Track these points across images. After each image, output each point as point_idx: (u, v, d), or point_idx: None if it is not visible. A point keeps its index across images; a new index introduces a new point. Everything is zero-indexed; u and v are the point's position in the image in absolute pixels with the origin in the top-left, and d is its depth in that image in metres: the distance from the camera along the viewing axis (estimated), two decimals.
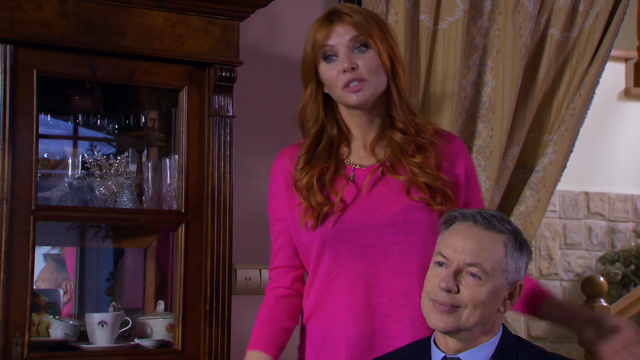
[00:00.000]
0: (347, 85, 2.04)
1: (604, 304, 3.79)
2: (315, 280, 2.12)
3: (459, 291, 1.86)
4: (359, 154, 2.14)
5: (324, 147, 2.13)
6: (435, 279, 1.89)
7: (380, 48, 2.04)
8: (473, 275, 1.86)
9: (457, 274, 1.87)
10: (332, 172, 2.10)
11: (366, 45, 2.05)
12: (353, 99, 2.05)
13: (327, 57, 2.06)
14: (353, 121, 2.14)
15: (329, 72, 2.06)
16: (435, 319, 1.88)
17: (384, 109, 2.13)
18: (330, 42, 2.05)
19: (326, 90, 2.12)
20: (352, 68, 2.03)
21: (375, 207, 2.07)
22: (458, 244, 1.89)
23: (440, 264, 1.90)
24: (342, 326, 2.07)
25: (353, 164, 2.13)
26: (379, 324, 2.07)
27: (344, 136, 2.15)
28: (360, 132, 2.14)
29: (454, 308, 1.86)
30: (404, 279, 2.06)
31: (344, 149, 2.15)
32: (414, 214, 2.06)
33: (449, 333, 1.89)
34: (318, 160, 2.11)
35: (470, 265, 1.86)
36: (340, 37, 2.04)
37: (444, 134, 2.19)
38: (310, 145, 2.13)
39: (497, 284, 1.88)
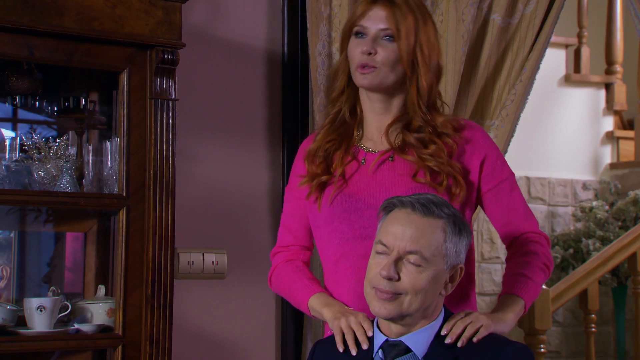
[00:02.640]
0: (361, 66, 2.11)
1: (544, 286, 3.85)
2: (327, 260, 2.17)
3: (399, 279, 1.88)
4: (372, 139, 2.19)
5: (340, 123, 2.19)
6: (376, 267, 1.91)
7: (403, 43, 2.09)
8: (413, 262, 1.88)
9: (397, 261, 1.89)
10: (342, 150, 2.16)
11: (392, 38, 2.10)
12: (359, 79, 2.13)
13: (358, 34, 2.14)
14: (368, 106, 2.19)
15: (353, 48, 2.14)
16: (377, 307, 1.90)
17: (403, 100, 2.17)
18: (364, 23, 2.12)
19: None
20: (370, 53, 2.10)
21: (382, 189, 2.10)
22: (397, 231, 1.90)
23: (380, 252, 1.92)
24: (357, 306, 2.08)
25: (365, 148, 2.18)
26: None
27: (357, 119, 2.20)
28: (374, 118, 2.18)
29: (395, 295, 1.88)
30: None
31: (357, 132, 2.20)
32: None
33: (391, 319, 1.91)
34: (331, 133, 2.18)
35: (410, 253, 1.88)
36: (373, 21, 2.11)
37: (465, 126, 2.19)
38: (333, 117, 2.20)
39: (438, 269, 1.90)
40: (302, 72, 3.01)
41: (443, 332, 1.93)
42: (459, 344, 1.91)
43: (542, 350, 3.80)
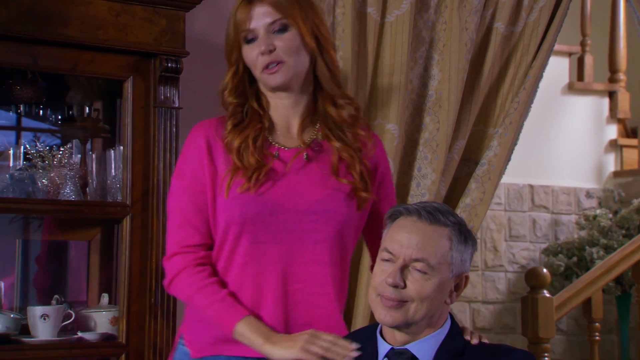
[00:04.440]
0: (266, 67, 2.04)
1: (547, 295, 3.84)
2: (233, 263, 2.04)
3: (405, 286, 1.88)
4: (282, 134, 2.11)
5: (253, 113, 2.09)
6: (382, 274, 1.90)
7: (302, 28, 2.03)
8: (419, 270, 1.88)
9: (403, 269, 1.88)
10: (262, 140, 2.07)
11: (286, 27, 2.03)
12: (270, 80, 2.05)
13: (248, 40, 2.05)
14: (275, 103, 2.11)
15: (249, 54, 2.06)
16: (383, 314, 1.89)
17: (311, 91, 2.11)
18: (250, 25, 2.04)
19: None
20: (270, 51, 2.02)
21: (298, 192, 2.04)
22: (403, 239, 1.90)
23: (386, 259, 1.91)
24: (257, 311, 2.02)
25: (277, 144, 2.10)
26: (292, 310, 2.04)
27: (266, 115, 2.11)
28: (282, 114, 2.11)
29: (401, 303, 1.88)
30: (319, 269, 2.05)
31: (268, 125, 2.11)
32: (335, 204, 2.05)
33: (397, 327, 1.90)
34: (249, 123, 2.07)
35: (416, 260, 1.88)
36: (260, 19, 2.03)
37: (369, 130, 2.19)
38: (236, 111, 2.09)
39: (443, 277, 1.90)
40: None
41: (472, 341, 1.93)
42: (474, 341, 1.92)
43: (546, 358, 3.79)
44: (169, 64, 2.52)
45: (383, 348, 1.95)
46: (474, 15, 3.00)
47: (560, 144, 5.26)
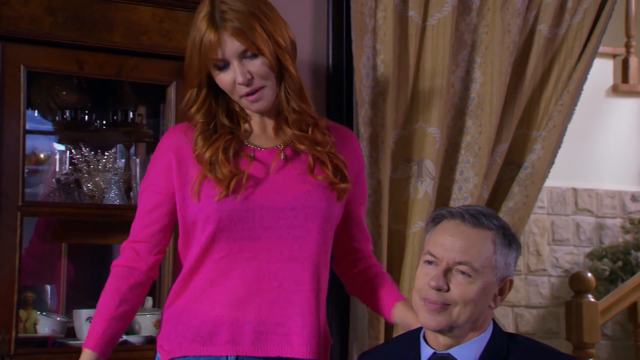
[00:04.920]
0: (246, 94, 2.02)
1: (592, 299, 3.81)
2: (206, 262, 2.02)
3: (449, 289, 1.87)
4: (259, 136, 2.09)
5: (222, 125, 2.07)
6: (425, 277, 1.89)
7: (266, 53, 2.00)
8: (463, 273, 1.87)
9: (446, 272, 1.87)
10: (234, 149, 2.04)
11: (255, 53, 2.00)
12: (254, 107, 2.04)
13: (219, 67, 2.01)
14: (251, 113, 2.10)
15: (224, 80, 2.02)
16: (427, 318, 1.88)
17: (282, 106, 2.08)
18: (219, 55, 1.99)
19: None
20: (249, 80, 2.00)
21: (276, 190, 2.03)
22: (447, 242, 1.89)
23: (429, 262, 1.90)
24: (225, 310, 1.99)
25: (252, 145, 2.08)
26: (265, 309, 2.00)
27: (242, 120, 2.10)
28: (258, 120, 2.09)
29: (444, 306, 1.86)
30: (297, 265, 2.02)
31: (243, 131, 2.09)
32: (314, 199, 2.03)
33: (440, 331, 1.89)
34: (219, 136, 2.05)
35: (460, 263, 1.87)
36: (229, 48, 1.99)
37: (339, 129, 2.17)
38: (205, 125, 2.06)
39: (487, 280, 1.88)
40: (347, 85, 3.01)
41: None
42: None
43: None
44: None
45: (425, 352, 1.94)
46: (517, 18, 2.98)
47: (605, 147, 5.20)
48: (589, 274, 3.95)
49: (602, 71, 5.07)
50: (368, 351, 2.14)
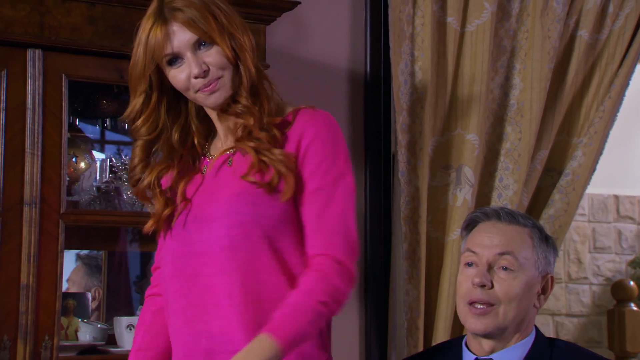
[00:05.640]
0: (204, 86, 1.86)
1: (634, 308, 3.75)
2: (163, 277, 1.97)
3: (492, 286, 1.85)
4: (217, 145, 1.97)
5: (165, 143, 1.93)
6: (467, 280, 1.88)
7: (220, 42, 1.85)
8: (505, 268, 1.85)
9: (489, 270, 1.86)
10: (176, 169, 1.93)
11: (209, 42, 1.85)
12: (211, 100, 1.88)
13: (172, 62, 1.87)
14: (211, 113, 1.95)
15: (177, 76, 1.87)
16: (474, 323, 1.87)
17: (234, 99, 1.91)
18: (169, 49, 1.85)
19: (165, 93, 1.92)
20: (204, 71, 1.85)
21: (209, 197, 1.89)
22: (485, 240, 1.88)
23: (469, 264, 1.89)
24: (176, 331, 1.91)
25: (210, 155, 1.96)
26: (206, 326, 1.87)
27: (201, 130, 1.97)
28: (218, 118, 1.94)
29: (489, 307, 1.84)
30: (227, 278, 1.84)
31: (203, 142, 1.97)
32: (239, 203, 1.86)
33: (488, 335, 1.87)
34: (159, 164, 1.94)
35: (502, 254, 1.85)
36: (180, 40, 1.85)
37: (295, 114, 1.92)
38: (145, 147, 1.93)
39: (530, 275, 1.86)
40: (385, 91, 3.01)
41: None
42: None
43: None
44: None
45: (467, 358, 1.92)
46: (557, 24, 2.95)
47: None
48: (631, 282, 3.89)
49: None
50: (409, 358, 2.13)
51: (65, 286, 2.72)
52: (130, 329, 2.49)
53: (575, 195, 3.00)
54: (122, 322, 2.51)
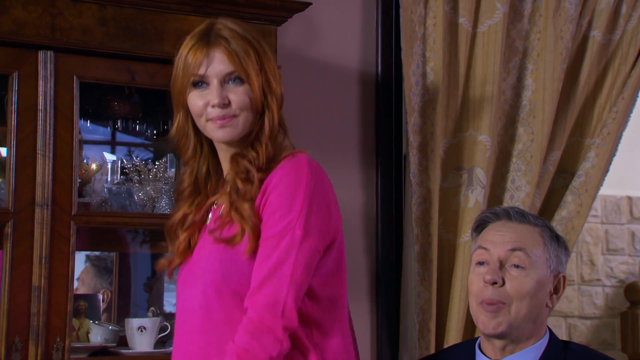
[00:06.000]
0: (218, 118, 1.83)
1: None
2: None
3: (504, 284, 1.84)
4: (224, 190, 1.89)
5: (195, 186, 1.92)
6: (479, 278, 1.87)
7: (254, 83, 1.83)
8: (517, 266, 1.84)
9: (500, 268, 1.85)
10: (195, 216, 1.90)
11: (240, 79, 1.83)
12: (218, 134, 1.84)
13: (197, 84, 1.85)
14: (219, 154, 1.92)
15: (196, 100, 1.84)
16: (486, 322, 1.85)
17: (249, 143, 1.87)
18: (201, 71, 1.83)
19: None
20: (224, 104, 1.82)
21: (198, 254, 1.86)
22: (496, 237, 1.88)
23: (481, 263, 1.88)
24: None
25: (215, 203, 1.90)
26: None
27: (215, 175, 1.93)
28: (226, 166, 1.90)
29: (502, 305, 1.83)
30: (202, 338, 1.80)
31: (216, 187, 1.92)
32: (209, 261, 1.81)
33: (500, 335, 1.85)
34: (189, 197, 1.92)
35: (514, 249, 1.84)
36: (214, 67, 1.83)
37: (278, 166, 1.83)
38: (191, 177, 1.92)
39: (542, 273, 1.86)
40: (396, 93, 3.00)
41: None
42: None
43: None
44: None
45: None
46: (570, 24, 2.94)
47: None
48: None
49: None
50: (424, 358, 2.12)
51: (74, 285, 2.72)
52: (142, 331, 2.49)
53: (588, 197, 2.99)
54: (134, 323, 2.51)
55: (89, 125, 2.77)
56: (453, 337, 2.83)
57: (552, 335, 1.92)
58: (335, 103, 3.01)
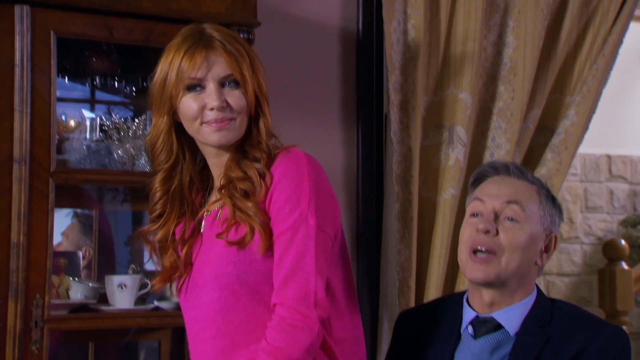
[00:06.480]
0: (214, 121, 1.80)
1: (625, 267, 3.77)
2: None
3: (497, 234, 1.84)
4: (212, 199, 1.89)
5: (177, 189, 1.89)
6: (472, 227, 1.87)
7: (249, 86, 1.82)
8: (511, 219, 1.85)
9: (495, 219, 1.86)
10: (189, 224, 1.89)
11: (237, 82, 1.81)
12: (214, 137, 1.81)
13: (192, 87, 1.81)
14: (209, 160, 1.89)
15: (191, 103, 1.81)
16: (474, 270, 1.85)
17: (238, 146, 1.85)
18: (200, 74, 1.80)
19: (180, 120, 1.86)
20: (223, 107, 1.80)
21: (204, 263, 1.84)
22: (493, 190, 1.89)
23: (475, 214, 1.88)
24: None
25: (207, 211, 1.89)
26: None
27: (204, 177, 1.92)
28: (216, 172, 1.89)
29: (492, 256, 1.84)
30: (219, 342, 1.80)
31: (204, 196, 1.92)
32: (222, 264, 1.80)
33: (489, 284, 1.86)
34: (173, 208, 1.88)
35: (510, 202, 1.85)
36: (212, 70, 1.80)
37: (275, 162, 1.83)
38: (164, 186, 1.88)
39: (535, 229, 1.86)
40: (377, 50, 2.99)
41: None
42: None
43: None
44: (241, 34, 2.51)
45: (468, 315, 1.91)
46: None
47: (639, 112, 5.12)
48: (623, 242, 3.90)
49: (637, 35, 4.96)
50: (409, 310, 2.13)
51: (58, 239, 2.71)
52: (122, 288, 2.49)
53: (568, 155, 3.00)
54: (114, 280, 2.51)
55: (67, 82, 2.74)
56: (433, 294, 2.85)
57: (540, 293, 1.93)
58: (316, 61, 3.00)
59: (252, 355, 1.75)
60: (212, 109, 1.80)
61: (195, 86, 1.81)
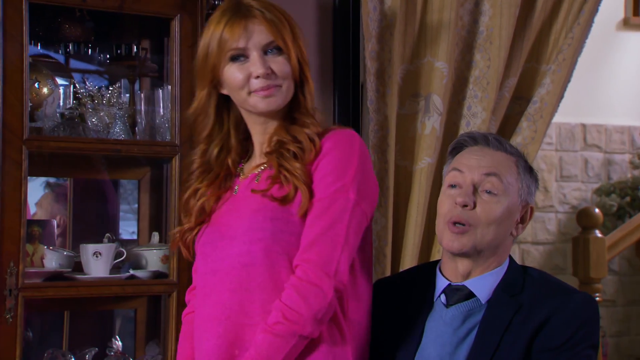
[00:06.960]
0: (262, 89, 1.85)
1: (599, 235, 3.80)
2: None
3: (474, 207, 1.86)
4: (252, 165, 1.96)
5: (217, 159, 1.95)
6: (449, 199, 1.89)
7: (292, 52, 1.87)
8: (489, 192, 1.86)
9: (473, 192, 1.87)
10: (215, 187, 1.95)
11: (279, 49, 1.86)
12: (263, 104, 1.87)
13: (236, 58, 1.87)
14: (254, 128, 1.94)
15: (236, 73, 1.86)
16: (450, 240, 1.88)
17: (285, 114, 1.91)
18: (241, 44, 1.85)
19: (225, 92, 1.92)
20: (268, 74, 1.85)
21: (235, 215, 1.88)
22: (472, 161, 1.90)
23: (453, 185, 1.90)
24: (200, 345, 1.90)
25: (243, 174, 1.95)
26: (213, 345, 1.85)
27: (238, 149, 1.97)
28: (258, 140, 1.94)
29: (468, 228, 1.86)
30: (246, 295, 1.82)
31: (238, 161, 1.97)
32: (258, 220, 1.84)
33: (464, 254, 1.88)
34: (200, 176, 1.96)
35: (489, 174, 1.86)
36: (254, 39, 1.85)
37: (324, 137, 1.88)
38: (204, 157, 1.96)
39: (512, 201, 1.88)
40: (354, 18, 2.97)
41: None
42: None
43: (598, 298, 3.77)
44: (216, 2, 2.50)
45: (441, 284, 1.94)
46: None
47: (614, 82, 5.14)
48: (597, 210, 3.94)
49: (612, 4, 4.98)
50: (383, 279, 2.14)
51: (33, 210, 2.70)
52: (97, 256, 2.48)
53: (543, 123, 3.00)
54: (89, 249, 2.50)
55: (40, 49, 2.71)
56: (408, 263, 2.87)
57: (512, 261, 1.95)
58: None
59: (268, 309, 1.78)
60: (257, 77, 1.84)
61: (239, 56, 1.86)
